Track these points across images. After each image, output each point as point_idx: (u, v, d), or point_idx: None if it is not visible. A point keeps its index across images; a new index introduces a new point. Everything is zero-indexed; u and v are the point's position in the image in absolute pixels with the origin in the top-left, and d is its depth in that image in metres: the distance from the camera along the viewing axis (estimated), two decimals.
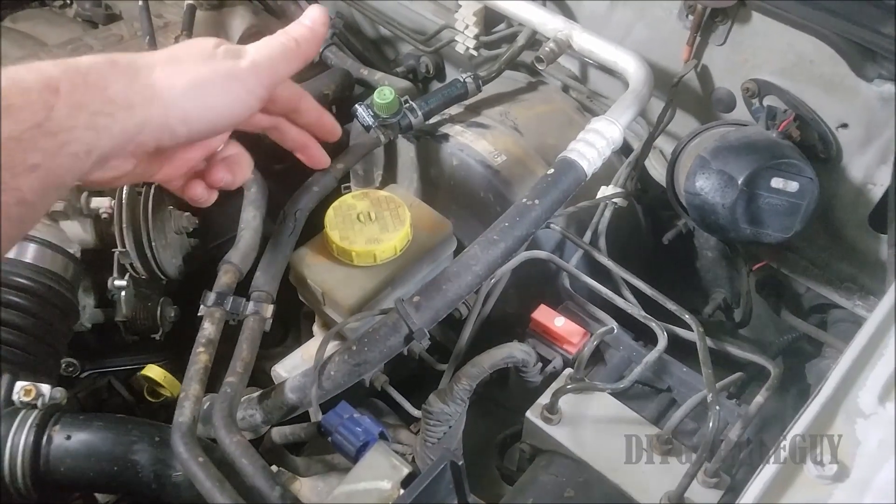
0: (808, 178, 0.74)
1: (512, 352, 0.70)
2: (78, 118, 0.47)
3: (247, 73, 0.56)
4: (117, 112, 0.49)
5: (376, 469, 0.55)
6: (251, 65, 0.56)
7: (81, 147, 0.47)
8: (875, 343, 0.58)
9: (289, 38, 0.60)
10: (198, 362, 0.68)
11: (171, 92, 0.52)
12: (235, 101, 0.56)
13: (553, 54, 0.86)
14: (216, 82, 0.54)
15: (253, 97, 0.57)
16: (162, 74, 0.52)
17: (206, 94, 0.54)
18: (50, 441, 0.69)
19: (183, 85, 0.52)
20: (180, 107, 0.52)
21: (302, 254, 0.81)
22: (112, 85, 0.49)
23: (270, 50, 0.58)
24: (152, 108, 0.51)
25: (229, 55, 0.56)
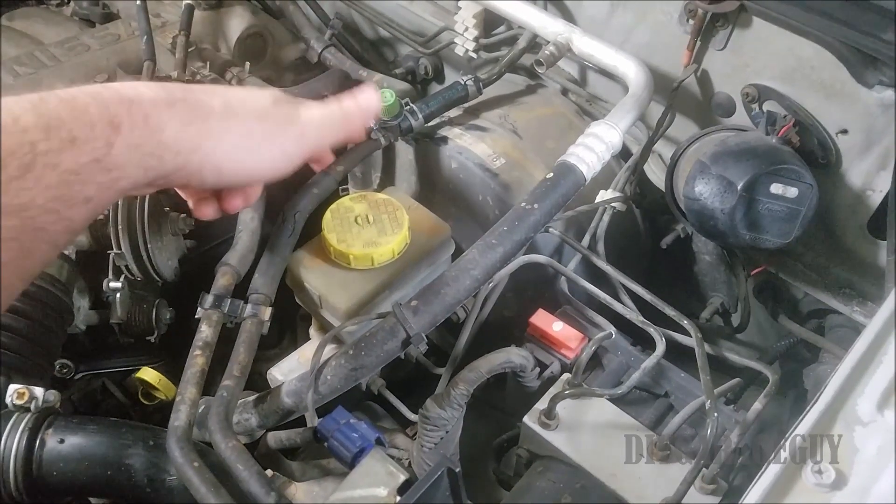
0: (807, 184, 0.74)
1: (510, 357, 0.70)
2: (132, 157, 0.47)
3: (293, 142, 0.57)
4: (165, 155, 0.50)
5: (372, 475, 0.55)
6: (300, 134, 0.58)
7: (129, 183, 0.48)
8: (874, 351, 0.58)
9: (342, 111, 0.62)
10: (194, 365, 0.67)
11: (217, 146, 0.52)
12: (272, 163, 0.57)
13: (553, 58, 0.86)
14: (262, 145, 0.55)
15: (290, 164, 0.58)
16: (215, 126, 0.52)
17: (248, 154, 0.55)
18: (43, 445, 0.69)
19: (231, 143, 0.53)
20: (219, 160, 0.53)
21: (299, 256, 0.81)
22: (167, 129, 0.50)
23: (322, 119, 0.60)
24: (193, 156, 0.52)
25: (283, 119, 0.57)
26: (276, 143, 0.56)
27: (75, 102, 0.45)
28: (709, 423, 0.62)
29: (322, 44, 1.14)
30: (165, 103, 0.50)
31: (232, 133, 0.53)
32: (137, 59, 0.96)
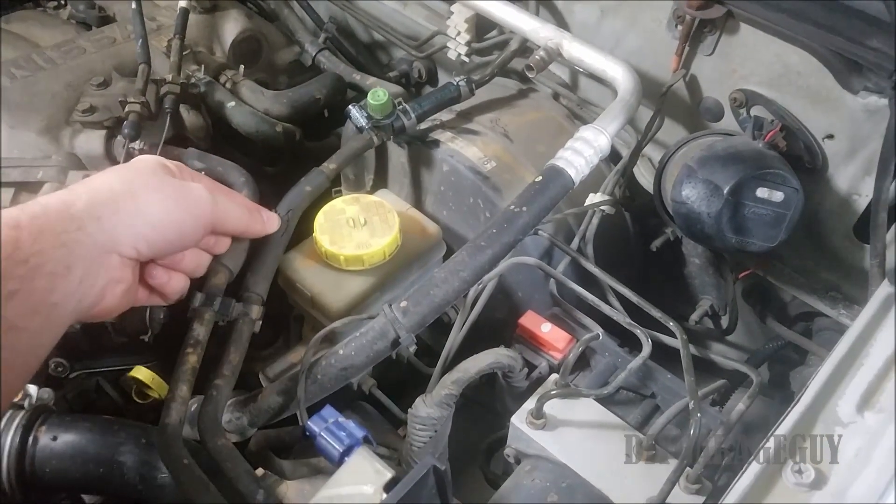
0: (793, 189, 0.75)
1: (498, 358, 0.71)
2: (43, 240, 0.52)
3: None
4: (86, 225, 0.54)
5: (359, 473, 0.55)
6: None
7: (58, 265, 0.52)
8: (854, 353, 0.59)
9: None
10: (185, 363, 0.68)
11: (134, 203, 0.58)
12: None
13: (543, 62, 0.87)
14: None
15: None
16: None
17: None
18: (36, 442, 0.69)
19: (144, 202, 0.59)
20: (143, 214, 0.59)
21: (291, 257, 0.82)
22: (76, 202, 0.55)
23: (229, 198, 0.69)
24: (121, 216, 0.57)
25: None
26: (189, 199, 0.63)
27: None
28: (692, 423, 0.63)
29: (316, 47, 1.15)
30: (65, 193, 0.55)
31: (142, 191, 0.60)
32: (133, 62, 0.97)
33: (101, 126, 0.90)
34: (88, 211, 0.55)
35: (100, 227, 0.55)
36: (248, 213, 0.71)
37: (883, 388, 0.56)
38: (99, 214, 0.56)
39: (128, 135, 0.87)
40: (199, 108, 1.03)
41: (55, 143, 0.89)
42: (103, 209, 0.56)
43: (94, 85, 0.94)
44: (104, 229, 0.56)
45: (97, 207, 0.56)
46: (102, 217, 0.56)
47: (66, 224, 0.53)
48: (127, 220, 0.58)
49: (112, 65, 0.99)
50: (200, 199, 0.64)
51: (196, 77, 1.00)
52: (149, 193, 0.60)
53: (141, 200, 0.59)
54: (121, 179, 0.60)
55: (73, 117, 0.90)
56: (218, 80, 1.04)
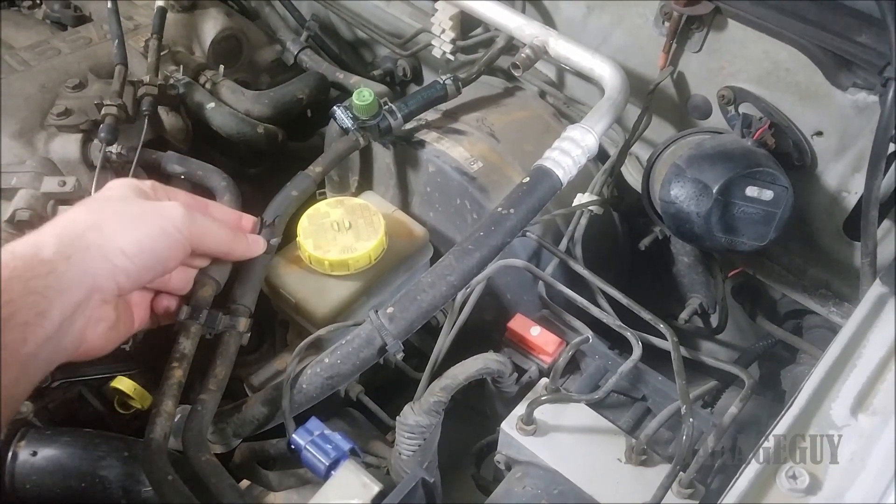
0: (782, 187, 0.74)
1: (486, 363, 0.69)
2: (12, 289, 0.49)
3: None
4: (57, 266, 0.52)
5: (346, 487, 0.54)
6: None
7: (30, 313, 0.50)
8: (847, 355, 0.58)
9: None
10: (171, 378, 0.66)
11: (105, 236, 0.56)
12: None
13: (529, 60, 0.86)
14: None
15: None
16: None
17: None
18: (15, 457, 0.68)
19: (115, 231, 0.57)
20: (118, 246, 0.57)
21: (274, 262, 0.80)
22: (45, 245, 0.52)
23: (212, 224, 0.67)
24: (91, 251, 0.54)
25: None
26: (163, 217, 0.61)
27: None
28: (684, 427, 0.62)
29: (298, 46, 1.13)
30: (33, 235, 0.53)
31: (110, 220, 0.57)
32: (109, 62, 0.94)
33: (77, 129, 0.87)
34: (58, 251, 0.52)
35: (71, 267, 0.53)
36: (231, 234, 0.69)
37: (877, 390, 0.56)
38: (69, 254, 0.53)
39: (104, 138, 0.85)
40: (179, 110, 1.01)
41: (29, 147, 0.87)
42: (73, 247, 0.53)
43: (70, 87, 0.91)
44: (77, 269, 0.53)
45: (66, 247, 0.53)
46: (72, 256, 0.53)
47: (35, 269, 0.51)
48: (99, 255, 0.55)
49: (88, 66, 0.97)
50: (175, 220, 0.61)
51: (174, 78, 0.98)
52: (119, 222, 0.57)
53: (111, 231, 0.56)
54: (88, 211, 0.57)
55: (47, 121, 0.88)
56: (197, 80, 1.02)
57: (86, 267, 0.54)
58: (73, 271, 0.53)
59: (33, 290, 0.50)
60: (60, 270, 0.52)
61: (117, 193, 0.61)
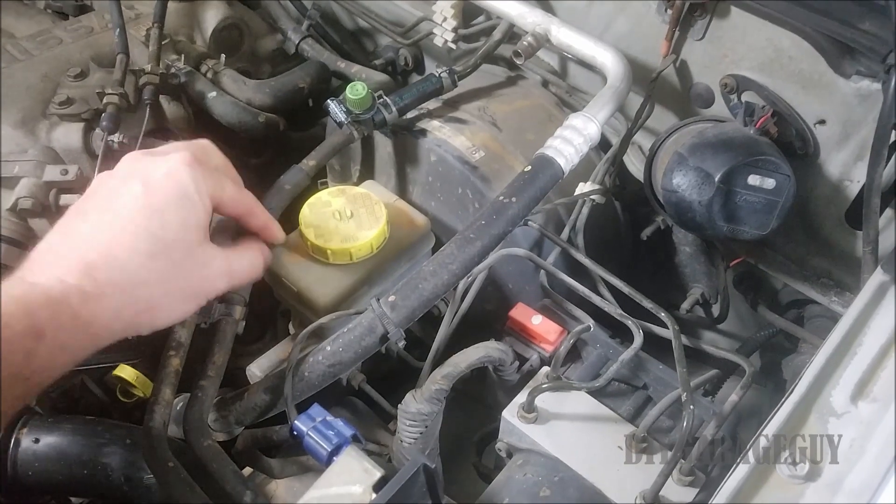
0: (784, 175, 0.74)
1: (489, 351, 0.70)
2: (58, 358, 0.49)
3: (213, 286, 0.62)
4: (101, 342, 0.52)
5: (348, 473, 0.54)
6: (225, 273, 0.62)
7: (52, 375, 0.49)
8: (848, 342, 0.58)
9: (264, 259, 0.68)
10: (168, 366, 0.67)
11: (151, 313, 0.57)
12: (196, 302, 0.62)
13: (531, 49, 0.85)
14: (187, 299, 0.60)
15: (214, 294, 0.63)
16: (144, 295, 0.55)
17: (177, 305, 0.59)
18: (18, 444, 0.68)
19: (162, 305, 0.57)
20: (153, 320, 0.57)
21: (276, 252, 0.80)
22: (98, 320, 0.51)
23: (249, 265, 0.66)
24: (130, 329, 0.55)
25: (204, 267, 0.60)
26: (202, 294, 0.61)
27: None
28: (685, 415, 0.62)
29: (299, 35, 1.13)
30: (94, 297, 0.51)
31: (157, 294, 0.56)
32: (111, 52, 0.94)
33: (79, 118, 0.87)
34: (109, 327, 0.52)
35: (111, 336, 0.54)
36: (258, 269, 0.67)
37: (877, 378, 0.56)
38: (118, 330, 0.54)
39: (106, 127, 0.85)
40: (180, 99, 1.01)
41: (31, 136, 0.87)
42: (124, 322, 0.54)
43: (71, 76, 0.91)
44: (115, 336, 0.54)
45: (119, 322, 0.53)
46: (119, 332, 0.54)
47: (84, 341, 0.51)
48: (138, 328, 0.56)
49: (89, 55, 0.96)
50: (216, 285, 0.61)
51: (176, 67, 0.98)
52: (173, 298, 0.57)
53: (163, 306, 0.57)
54: (152, 275, 0.55)
55: (49, 110, 0.88)
56: (199, 69, 1.02)
57: (122, 335, 0.55)
58: (110, 339, 0.54)
59: (73, 360, 0.51)
60: (101, 338, 0.53)
61: (178, 236, 0.57)
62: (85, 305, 0.50)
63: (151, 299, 0.55)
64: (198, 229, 0.58)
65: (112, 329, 0.53)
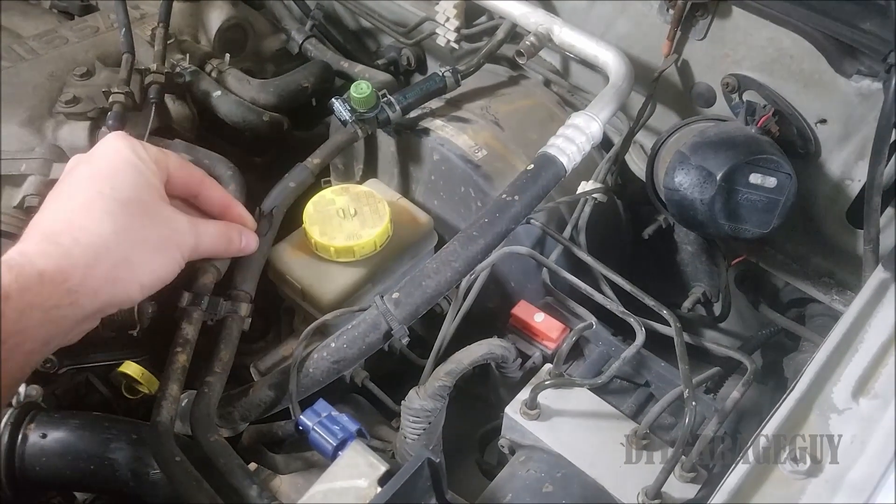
0: (786, 174, 0.75)
1: (491, 348, 0.70)
2: (30, 318, 0.49)
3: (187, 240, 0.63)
4: (81, 299, 0.52)
5: (353, 467, 0.55)
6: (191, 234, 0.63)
7: (37, 342, 0.50)
8: (849, 339, 0.59)
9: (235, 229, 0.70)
10: (175, 363, 0.67)
11: (132, 269, 0.57)
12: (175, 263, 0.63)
13: (533, 48, 0.86)
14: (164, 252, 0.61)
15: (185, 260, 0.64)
16: (119, 253, 0.56)
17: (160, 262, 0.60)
18: (25, 440, 0.68)
19: (142, 260, 0.58)
20: (139, 277, 0.58)
21: (281, 249, 0.81)
22: (73, 276, 0.52)
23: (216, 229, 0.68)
24: (117, 287, 0.55)
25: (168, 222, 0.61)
26: (173, 245, 0.61)
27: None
28: (687, 411, 0.63)
29: (303, 35, 1.13)
30: (60, 255, 0.52)
31: (135, 253, 0.57)
32: (116, 51, 0.94)
33: (85, 117, 0.88)
34: (84, 283, 0.52)
35: (95, 300, 0.54)
36: (226, 242, 0.69)
37: (878, 374, 0.56)
38: (96, 288, 0.53)
39: (112, 126, 0.85)
40: (185, 98, 1.01)
41: (38, 134, 0.87)
42: (101, 279, 0.54)
43: (77, 75, 0.92)
44: (99, 299, 0.54)
45: (94, 279, 0.53)
46: (99, 290, 0.54)
47: (59, 299, 0.51)
48: (122, 291, 0.56)
49: (95, 55, 0.97)
50: (186, 247, 0.62)
51: (181, 66, 0.98)
52: (144, 253, 0.58)
53: (138, 265, 0.57)
54: (116, 230, 0.56)
55: (56, 108, 0.88)
56: (203, 69, 1.02)
57: (109, 300, 0.55)
58: (95, 304, 0.54)
59: (50, 320, 0.51)
60: (82, 303, 0.52)
61: (142, 198, 0.59)
62: (51, 263, 0.51)
63: (121, 252, 0.56)
64: (150, 189, 0.60)
65: (91, 288, 0.53)
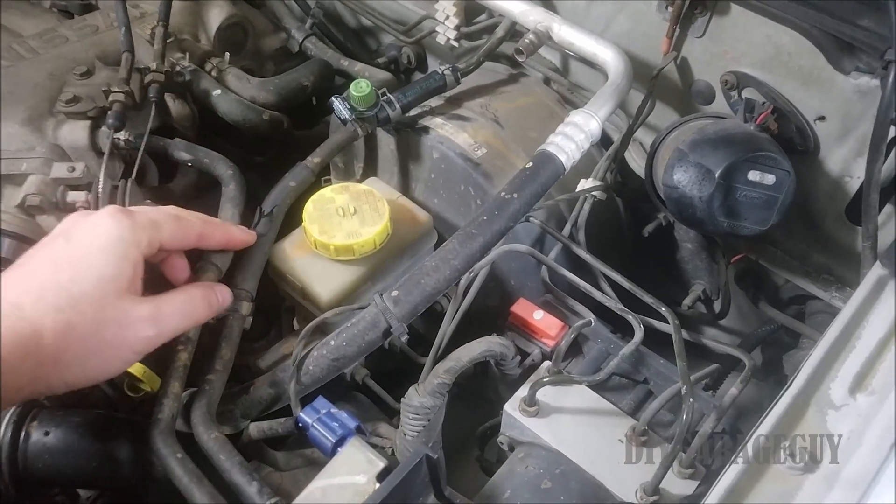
0: (784, 171, 0.75)
1: (490, 346, 0.70)
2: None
3: (142, 340, 0.61)
4: (6, 394, 0.52)
5: (352, 464, 0.55)
6: (152, 324, 0.61)
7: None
8: (847, 335, 0.59)
9: (203, 298, 0.66)
10: (177, 360, 0.68)
11: (57, 370, 0.56)
12: (122, 361, 0.61)
13: (533, 46, 0.86)
14: (106, 351, 0.59)
15: (145, 351, 0.62)
16: (51, 357, 0.54)
17: (95, 361, 0.58)
18: (28, 437, 0.69)
19: (72, 362, 0.56)
20: (64, 377, 0.57)
21: (281, 248, 0.81)
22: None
23: (181, 306, 0.64)
24: (38, 386, 0.55)
25: (125, 317, 0.59)
26: (125, 347, 0.59)
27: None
28: (685, 408, 0.63)
29: (303, 33, 1.13)
30: None
31: (73, 350, 0.55)
32: (116, 50, 0.95)
33: (85, 116, 0.88)
34: (8, 373, 0.52)
35: (18, 393, 0.54)
36: (203, 309, 0.66)
37: (875, 371, 0.57)
38: (19, 384, 0.53)
39: (112, 125, 0.86)
40: (185, 97, 1.02)
41: (39, 133, 0.87)
42: (25, 375, 0.53)
43: (77, 74, 0.92)
44: (22, 393, 0.54)
45: (18, 375, 0.53)
46: (22, 387, 0.54)
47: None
48: (44, 384, 0.56)
49: (95, 54, 0.97)
50: (138, 335, 0.60)
51: (181, 65, 0.99)
52: (80, 348, 0.56)
53: (67, 360, 0.56)
54: (56, 328, 0.55)
55: (56, 107, 0.88)
56: (203, 67, 1.02)
57: (29, 393, 0.55)
58: (19, 395, 0.54)
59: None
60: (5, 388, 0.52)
61: (89, 289, 0.57)
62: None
63: (56, 352, 0.54)
64: (114, 281, 0.58)
65: (17, 381, 0.52)
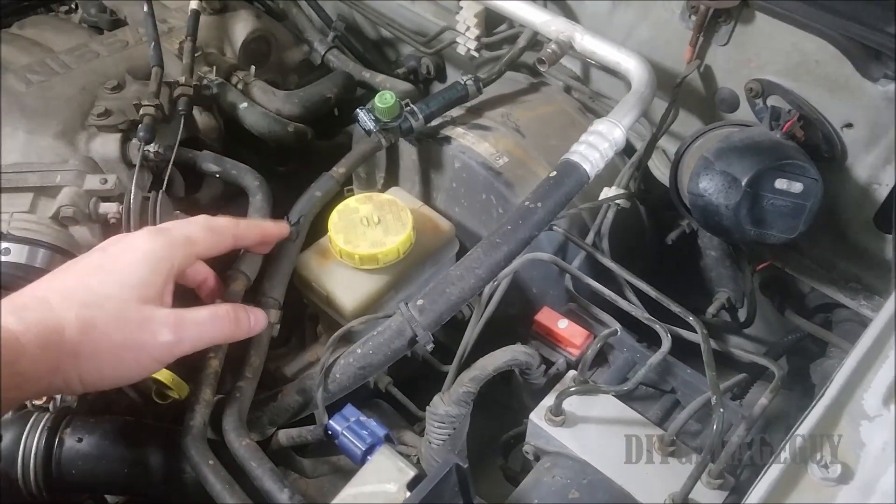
0: (812, 179, 0.74)
1: (515, 355, 0.70)
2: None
3: (161, 347, 0.61)
4: (25, 384, 0.53)
5: (382, 472, 0.56)
6: (173, 335, 0.61)
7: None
8: (880, 345, 0.58)
9: (233, 315, 0.66)
10: (208, 367, 0.69)
11: (78, 363, 0.56)
12: (140, 369, 0.61)
13: (555, 56, 0.86)
14: (125, 355, 0.59)
15: (162, 363, 0.62)
16: (71, 346, 0.55)
17: (112, 365, 0.59)
18: (62, 444, 0.70)
19: (91, 357, 0.57)
20: (82, 373, 0.57)
21: (306, 257, 0.82)
22: (22, 359, 0.52)
23: (207, 318, 0.64)
24: (55, 377, 0.55)
25: (146, 324, 0.59)
26: (143, 350, 0.59)
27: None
28: (714, 418, 0.62)
29: (325, 46, 1.15)
30: (18, 333, 0.52)
31: (92, 346, 0.56)
32: (146, 64, 0.97)
33: (117, 129, 0.90)
34: (31, 367, 0.53)
35: (37, 385, 0.55)
36: (230, 328, 0.66)
37: None
38: (40, 374, 0.54)
39: (143, 138, 0.87)
40: (212, 110, 1.03)
41: (72, 146, 0.89)
42: (45, 367, 0.54)
43: (109, 88, 0.94)
44: (41, 385, 0.55)
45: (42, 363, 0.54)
46: (41, 378, 0.55)
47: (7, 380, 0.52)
48: (62, 378, 0.56)
49: (125, 68, 0.99)
50: (157, 342, 0.60)
51: (208, 79, 1.00)
52: (99, 348, 0.57)
53: (85, 353, 0.56)
54: (79, 324, 0.56)
55: (88, 121, 0.90)
56: (229, 81, 1.04)
57: (47, 388, 0.56)
58: (38, 388, 0.55)
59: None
60: (26, 387, 0.54)
61: (115, 292, 0.59)
62: (6, 340, 0.52)
63: (75, 346, 0.55)
64: (141, 288, 0.60)
65: (37, 370, 0.53)
